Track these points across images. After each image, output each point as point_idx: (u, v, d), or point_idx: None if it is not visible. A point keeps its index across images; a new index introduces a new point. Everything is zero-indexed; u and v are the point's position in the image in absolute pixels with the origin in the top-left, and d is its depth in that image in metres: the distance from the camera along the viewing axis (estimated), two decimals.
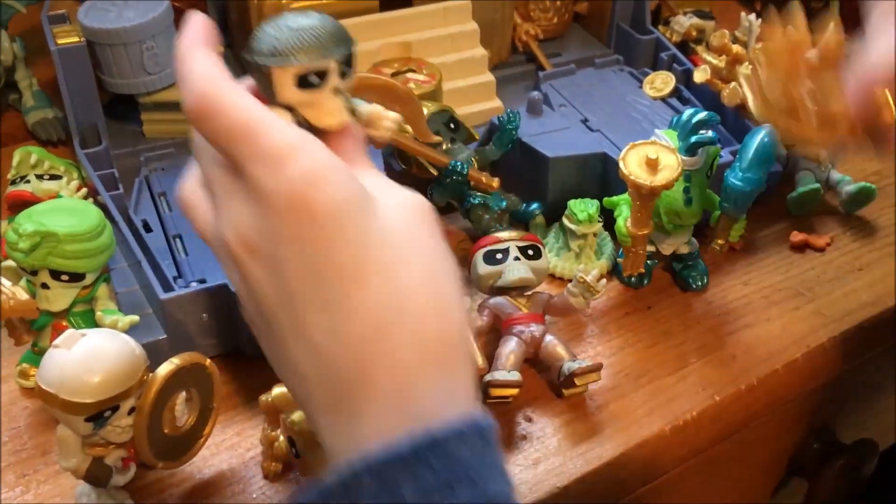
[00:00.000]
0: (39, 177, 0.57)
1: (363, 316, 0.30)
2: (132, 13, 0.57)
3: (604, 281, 0.48)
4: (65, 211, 0.46)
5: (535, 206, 0.57)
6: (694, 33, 0.72)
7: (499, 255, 0.50)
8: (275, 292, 0.31)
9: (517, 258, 0.49)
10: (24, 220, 0.45)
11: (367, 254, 0.30)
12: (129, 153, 0.61)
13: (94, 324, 0.48)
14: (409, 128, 0.55)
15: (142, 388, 0.41)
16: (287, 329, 0.31)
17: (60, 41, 0.56)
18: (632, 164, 0.49)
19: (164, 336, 0.48)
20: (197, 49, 0.32)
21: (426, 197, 0.34)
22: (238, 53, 0.64)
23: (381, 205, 0.31)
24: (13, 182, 0.58)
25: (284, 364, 0.32)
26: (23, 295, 0.43)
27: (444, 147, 0.57)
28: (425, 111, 0.58)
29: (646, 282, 0.56)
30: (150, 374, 0.41)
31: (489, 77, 0.66)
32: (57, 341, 0.40)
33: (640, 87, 0.67)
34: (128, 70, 0.58)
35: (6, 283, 0.43)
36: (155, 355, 0.42)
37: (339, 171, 0.30)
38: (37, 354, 0.48)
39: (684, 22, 0.72)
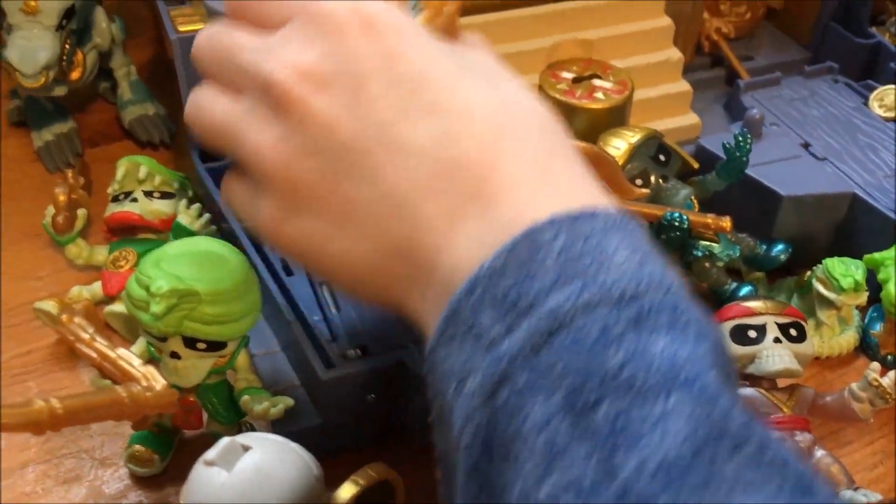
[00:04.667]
0: (148, 194, 0.46)
1: (478, 113, 0.29)
2: None
3: None
4: (201, 258, 0.35)
5: (779, 247, 0.45)
6: None
7: (752, 333, 0.38)
8: (354, 118, 0.29)
9: (777, 339, 0.38)
10: (153, 270, 0.34)
11: (461, 63, 0.30)
12: None
13: (231, 402, 0.37)
14: None
15: None
16: (377, 153, 0.29)
17: (182, 28, 0.45)
18: None
19: (320, 422, 0.38)
20: None
21: None
22: None
23: None
24: (115, 198, 0.47)
25: (366, 205, 0.29)
26: (158, 380, 0.32)
27: (653, 182, 0.46)
28: (624, 141, 0.46)
29: None
30: (329, 497, 0.31)
31: (684, 86, 0.54)
32: (210, 456, 0.29)
33: (866, 105, 0.55)
34: None
35: (136, 360, 0.32)
36: (306, 443, 0.32)
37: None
38: (156, 435, 0.38)
39: None
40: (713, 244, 0.45)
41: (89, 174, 0.50)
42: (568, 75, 0.51)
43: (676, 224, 0.43)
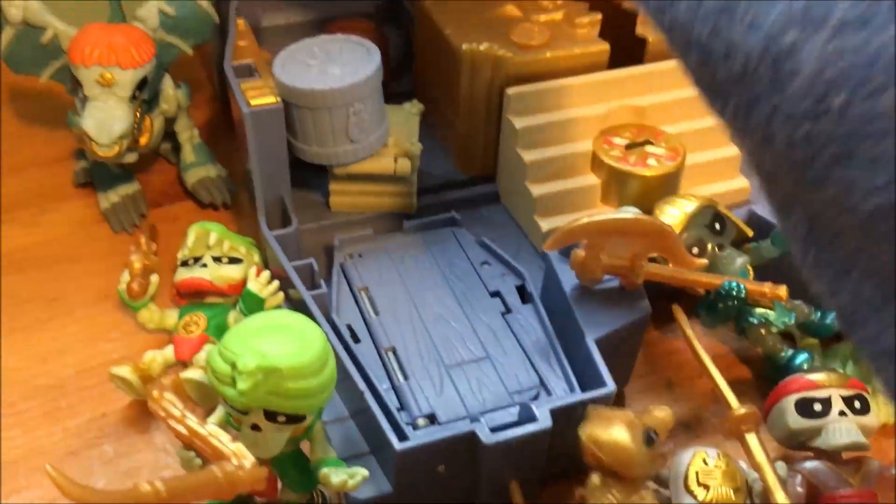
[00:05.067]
0: (217, 259, 0.48)
1: None
2: (338, 69, 0.47)
3: None
4: (283, 332, 0.37)
5: (833, 315, 0.46)
6: None
7: (818, 406, 0.39)
8: None
9: (842, 412, 0.39)
10: (237, 346, 0.35)
11: None
12: (315, 230, 0.51)
13: (305, 470, 0.39)
14: None
15: None
16: None
17: (254, 102, 0.46)
18: None
19: (391, 490, 0.39)
20: None
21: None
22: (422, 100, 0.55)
23: None
24: (184, 263, 0.48)
25: None
26: (248, 456, 0.33)
27: (709, 251, 0.47)
28: (680, 210, 0.47)
29: None
30: None
31: (734, 150, 0.55)
32: None
33: None
34: (328, 137, 0.48)
35: (225, 436, 0.33)
36: None
37: None
38: (231, 503, 0.39)
39: None
40: (769, 311, 0.46)
41: (158, 237, 0.52)
42: (621, 142, 0.52)
43: (734, 294, 0.44)
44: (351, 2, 0.63)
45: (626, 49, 0.56)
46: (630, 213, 0.49)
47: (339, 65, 0.48)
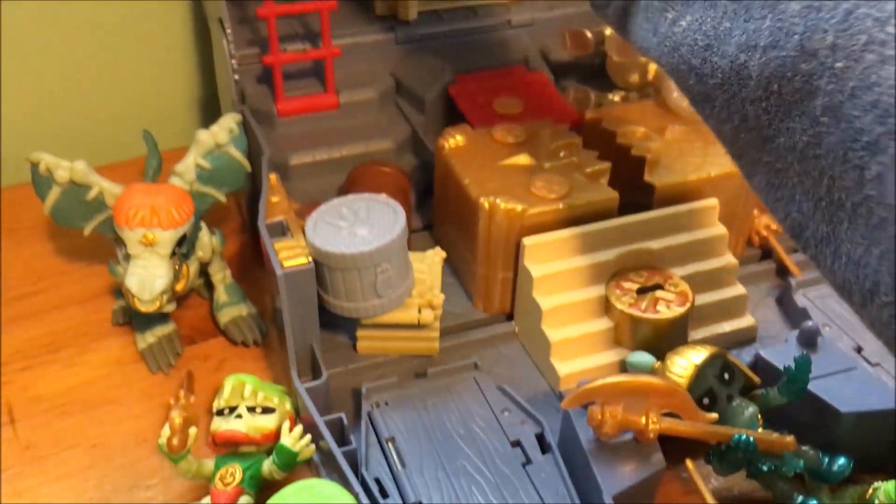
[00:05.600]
0: (251, 409, 0.51)
1: None
2: (365, 231, 0.51)
3: None
4: (317, 497, 0.39)
5: (840, 462, 0.48)
6: None
7: None
8: None
9: None
10: None
11: None
12: (343, 373, 0.54)
13: None
14: None
15: None
16: None
17: (287, 264, 0.49)
18: None
19: None
20: None
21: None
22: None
23: None
24: (220, 412, 0.51)
25: None
26: None
27: (720, 402, 0.49)
28: (689, 362, 0.50)
29: None
30: None
31: (740, 290, 0.58)
32: None
33: None
34: (357, 294, 0.51)
35: None
36: None
37: None
38: None
39: None
40: (778, 459, 0.48)
41: (194, 385, 0.55)
42: (632, 286, 0.55)
43: (745, 446, 0.46)
44: (372, 140, 0.67)
45: (633, 193, 0.59)
46: (643, 360, 0.52)
47: (367, 226, 0.51)
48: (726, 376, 0.50)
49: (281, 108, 0.66)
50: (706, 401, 0.49)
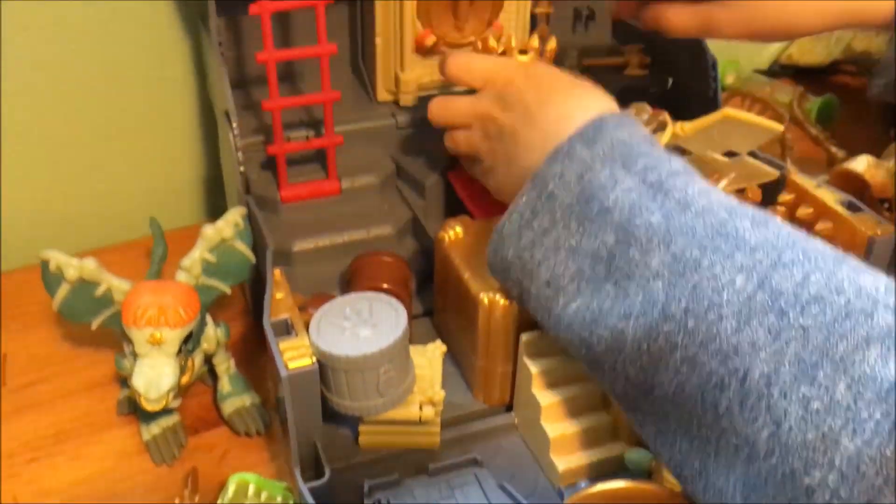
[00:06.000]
0: None
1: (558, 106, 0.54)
2: (368, 332, 0.52)
3: None
4: None
5: None
6: None
7: None
8: (515, 120, 0.55)
9: None
10: None
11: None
12: (344, 468, 0.55)
13: None
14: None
15: None
16: (523, 132, 0.54)
17: (292, 365, 0.50)
18: None
19: None
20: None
21: None
22: None
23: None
24: None
25: (514, 157, 0.55)
26: None
27: None
28: None
29: None
30: None
31: None
32: None
33: None
34: (360, 393, 0.52)
35: None
36: None
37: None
38: None
39: None
40: None
41: (198, 484, 0.55)
42: None
43: None
44: (374, 225, 0.68)
45: None
46: (641, 457, 0.53)
47: (370, 326, 0.52)
48: None
49: (284, 195, 0.68)
50: None
